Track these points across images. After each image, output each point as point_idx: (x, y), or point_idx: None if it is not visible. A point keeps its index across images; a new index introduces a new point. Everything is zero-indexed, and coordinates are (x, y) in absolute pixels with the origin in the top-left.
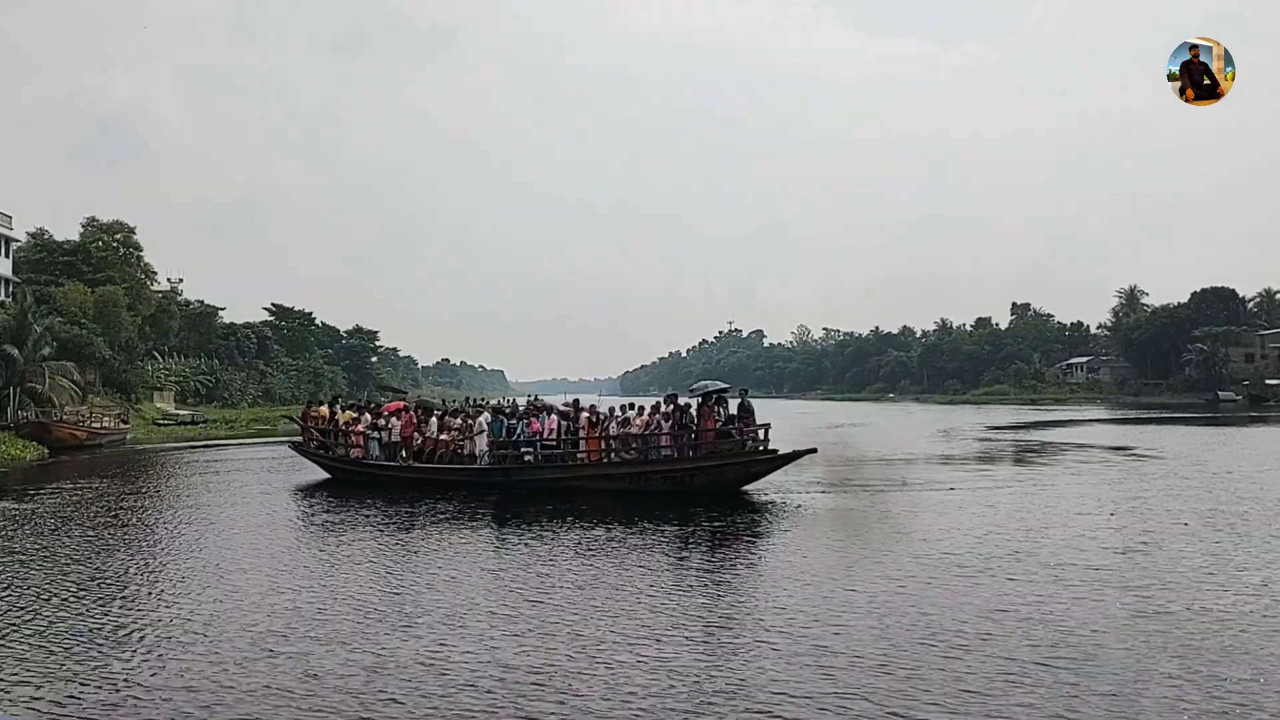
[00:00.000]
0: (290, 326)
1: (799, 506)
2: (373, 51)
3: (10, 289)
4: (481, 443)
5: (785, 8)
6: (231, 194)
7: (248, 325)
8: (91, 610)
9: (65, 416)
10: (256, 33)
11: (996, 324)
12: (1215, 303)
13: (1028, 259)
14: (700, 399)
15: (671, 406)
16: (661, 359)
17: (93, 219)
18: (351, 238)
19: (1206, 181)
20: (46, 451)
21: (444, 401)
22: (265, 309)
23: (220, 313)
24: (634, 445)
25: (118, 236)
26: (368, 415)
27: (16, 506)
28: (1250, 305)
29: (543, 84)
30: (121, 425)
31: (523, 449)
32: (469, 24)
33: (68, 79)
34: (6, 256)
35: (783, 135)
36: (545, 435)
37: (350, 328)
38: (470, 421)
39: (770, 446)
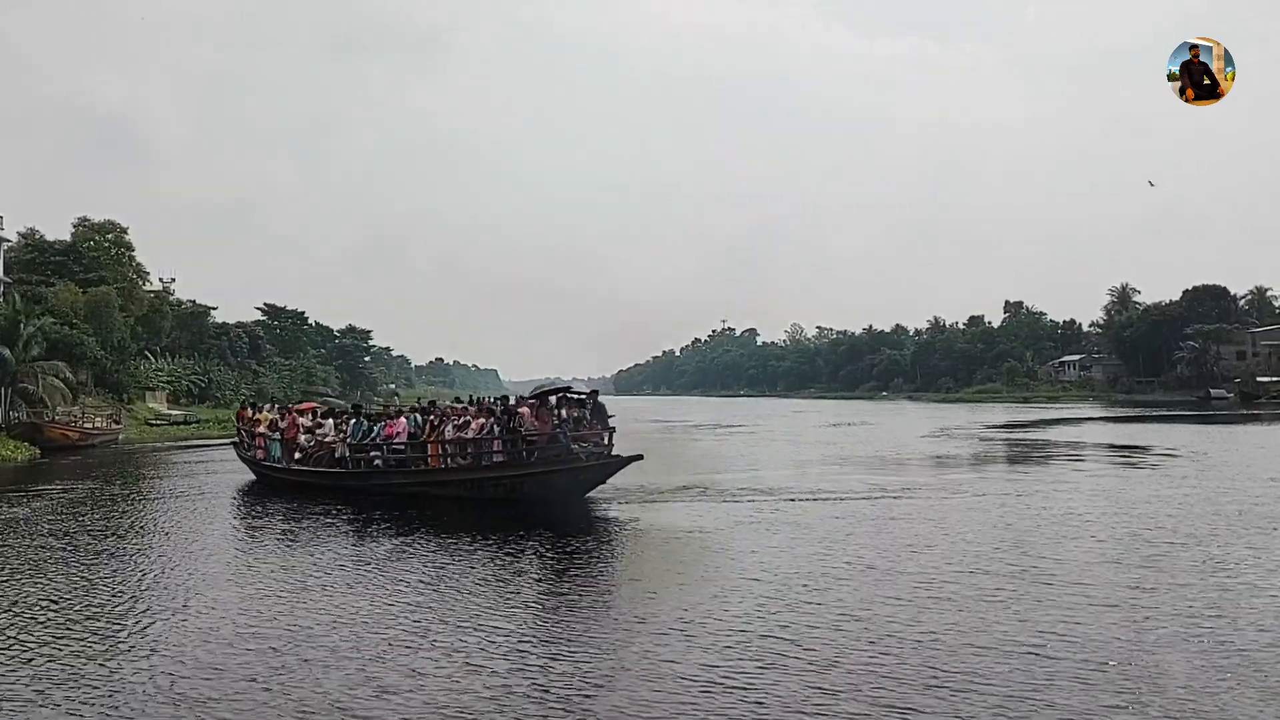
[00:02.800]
0: (283, 326)
1: (636, 522)
2: (371, 51)
3: (2, 290)
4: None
5: (785, 7)
6: (228, 194)
7: (240, 325)
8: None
9: (57, 417)
10: (254, 33)
11: (989, 322)
12: (1207, 300)
13: (1021, 257)
14: (537, 401)
15: (500, 410)
16: (655, 357)
17: (84, 219)
18: (347, 237)
19: (1199, 180)
20: (38, 452)
21: (397, 401)
22: (257, 308)
23: (212, 312)
24: (468, 450)
25: (109, 236)
26: (274, 416)
27: None
28: (1242, 303)
29: (541, 85)
30: (114, 425)
31: (372, 453)
32: (469, 23)
33: (65, 79)
34: None
35: (781, 135)
36: (395, 438)
37: (343, 327)
38: (345, 425)
39: (615, 451)
